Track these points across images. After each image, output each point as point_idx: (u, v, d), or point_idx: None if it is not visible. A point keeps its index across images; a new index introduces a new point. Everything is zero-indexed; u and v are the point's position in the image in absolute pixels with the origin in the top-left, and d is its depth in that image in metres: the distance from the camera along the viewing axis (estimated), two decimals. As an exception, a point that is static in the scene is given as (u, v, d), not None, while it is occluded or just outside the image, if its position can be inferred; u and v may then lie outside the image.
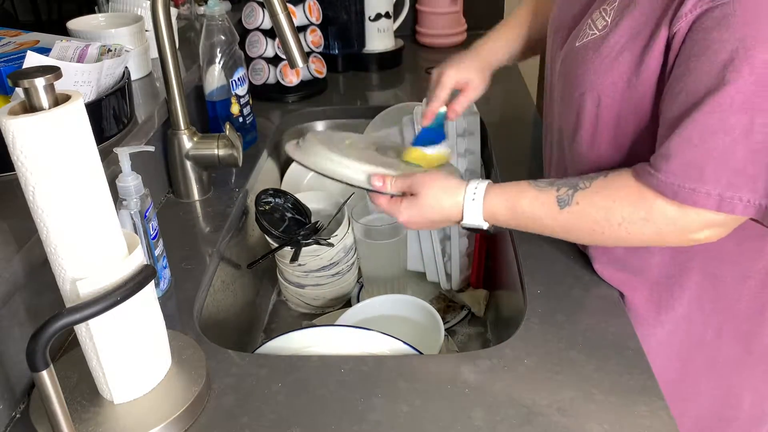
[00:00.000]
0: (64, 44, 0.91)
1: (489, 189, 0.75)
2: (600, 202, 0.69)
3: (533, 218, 0.73)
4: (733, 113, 0.60)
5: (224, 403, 0.67)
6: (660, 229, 0.67)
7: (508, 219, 0.75)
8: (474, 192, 0.75)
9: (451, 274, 1.13)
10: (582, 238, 0.75)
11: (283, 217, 1.08)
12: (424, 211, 0.77)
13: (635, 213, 0.67)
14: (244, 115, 1.19)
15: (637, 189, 0.67)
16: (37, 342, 0.51)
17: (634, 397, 0.66)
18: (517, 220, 0.75)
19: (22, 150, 0.52)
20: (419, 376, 0.70)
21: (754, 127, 0.60)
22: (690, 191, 0.63)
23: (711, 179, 0.62)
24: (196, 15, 1.50)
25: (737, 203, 0.62)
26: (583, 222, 0.70)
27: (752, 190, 0.62)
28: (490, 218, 0.75)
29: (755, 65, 0.58)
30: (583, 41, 0.74)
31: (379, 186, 0.80)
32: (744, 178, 0.61)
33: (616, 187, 0.69)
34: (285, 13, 0.88)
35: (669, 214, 0.66)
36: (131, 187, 0.78)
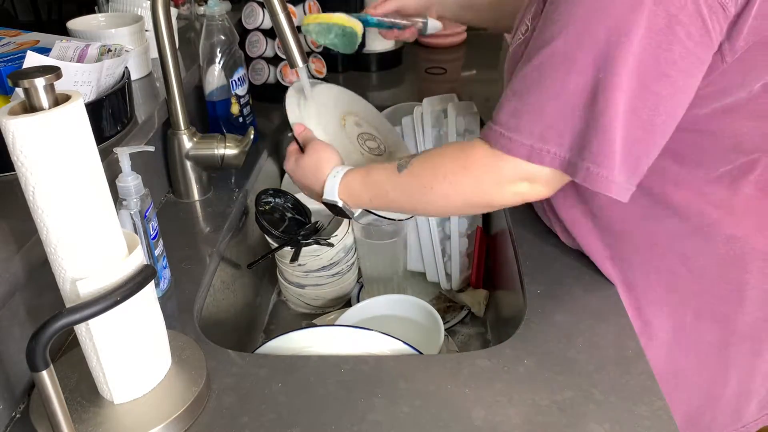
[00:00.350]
0: (64, 44, 0.91)
1: (349, 170, 0.82)
2: (430, 161, 0.75)
3: (378, 185, 0.79)
4: (553, 69, 0.64)
5: (224, 403, 0.67)
6: (478, 178, 0.71)
7: (359, 191, 0.81)
8: (338, 171, 0.83)
9: (451, 274, 1.13)
10: (418, 201, 0.78)
11: (283, 217, 1.08)
12: (299, 170, 0.87)
13: (456, 162, 0.72)
14: (244, 115, 1.19)
15: (462, 146, 0.73)
16: (37, 342, 0.51)
17: (634, 397, 0.67)
18: (367, 191, 0.80)
19: (22, 150, 0.52)
20: (419, 376, 0.70)
21: (567, 85, 0.63)
22: (507, 140, 0.68)
23: (526, 130, 0.66)
24: (196, 15, 1.50)
25: (545, 155, 0.66)
26: (415, 182, 0.76)
27: (559, 144, 0.65)
28: (346, 195, 0.82)
29: (577, 25, 0.62)
30: (515, 44, 0.79)
31: (297, 131, 0.90)
32: (554, 132, 0.65)
33: (445, 149, 0.76)
34: (285, 13, 0.89)
35: (485, 161, 0.70)
36: (131, 187, 0.78)
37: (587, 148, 0.64)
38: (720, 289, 0.81)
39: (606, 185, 0.65)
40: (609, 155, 0.64)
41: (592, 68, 0.62)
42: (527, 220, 0.96)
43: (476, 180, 0.71)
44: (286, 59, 0.93)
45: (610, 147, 0.63)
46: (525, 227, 0.95)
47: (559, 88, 0.64)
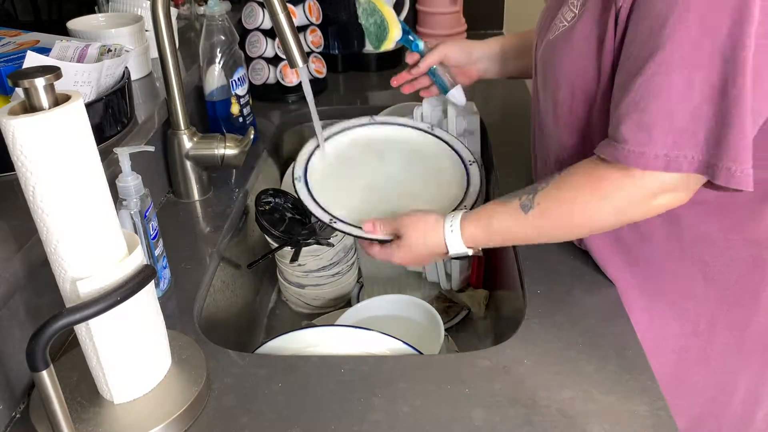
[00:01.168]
0: (64, 44, 0.91)
1: (464, 218, 0.80)
2: (559, 196, 0.72)
3: (506, 231, 0.77)
4: (673, 72, 0.62)
5: (224, 403, 0.67)
6: (619, 203, 0.69)
7: (486, 239, 0.79)
8: (451, 225, 0.80)
9: (451, 274, 1.13)
10: (556, 236, 0.77)
11: (283, 217, 1.08)
12: (412, 251, 0.83)
13: (593, 195, 0.70)
14: (244, 115, 1.19)
15: (589, 173, 0.70)
16: (37, 342, 0.51)
17: (634, 397, 0.66)
18: (494, 239, 0.79)
19: (22, 150, 0.52)
20: (419, 376, 0.70)
21: (693, 85, 0.61)
22: (640, 155, 0.65)
23: (659, 141, 0.64)
24: (196, 15, 1.50)
25: (683, 161, 0.64)
26: (548, 220, 0.73)
27: (694, 146, 0.63)
28: (471, 244, 0.80)
29: (690, 24, 0.60)
30: (555, 34, 0.77)
31: (370, 229, 0.85)
32: (687, 135, 0.63)
33: (570, 179, 0.72)
34: (285, 13, 0.88)
35: (622, 184, 0.67)
36: (131, 187, 0.78)
37: (723, 147, 0.62)
38: (737, 296, 0.80)
39: (746, 181, 0.62)
40: (745, 149, 0.61)
41: (719, 62, 0.60)
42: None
43: (618, 206, 0.69)
44: (286, 59, 0.93)
45: (745, 141, 0.61)
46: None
47: (685, 89, 0.61)
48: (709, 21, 0.59)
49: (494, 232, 0.78)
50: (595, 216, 0.71)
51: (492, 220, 0.78)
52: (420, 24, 1.79)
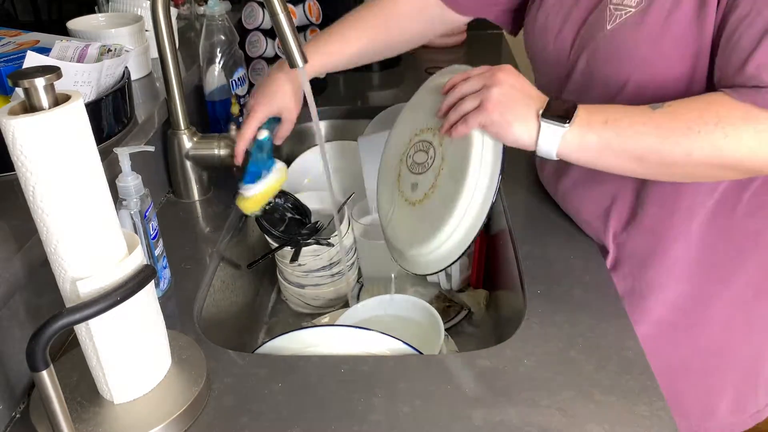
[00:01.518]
0: (64, 44, 0.91)
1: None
2: (692, 104, 0.67)
3: (627, 119, 0.68)
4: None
5: (224, 403, 0.67)
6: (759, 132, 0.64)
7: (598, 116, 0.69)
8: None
9: (452, 274, 1.13)
10: (675, 141, 0.67)
11: (283, 217, 1.08)
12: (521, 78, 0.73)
13: (733, 113, 0.65)
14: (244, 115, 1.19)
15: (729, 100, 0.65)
16: (37, 342, 0.51)
17: (634, 397, 0.67)
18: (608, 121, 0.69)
19: (22, 150, 0.52)
20: (419, 376, 0.70)
21: None
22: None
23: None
24: (196, 15, 1.50)
25: None
26: (675, 120, 0.67)
27: None
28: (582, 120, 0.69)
29: None
30: (616, 23, 0.73)
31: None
32: None
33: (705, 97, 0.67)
34: (285, 12, 0.88)
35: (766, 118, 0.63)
36: (131, 187, 0.78)
37: None
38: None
39: None
40: None
41: None
42: (527, 220, 0.96)
43: (757, 133, 0.64)
44: (286, 59, 0.93)
45: None
46: (525, 227, 0.95)
47: None
48: None
49: (612, 113, 0.69)
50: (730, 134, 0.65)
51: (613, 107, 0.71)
52: (420, 24, 1.78)
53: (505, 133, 0.71)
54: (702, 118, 0.65)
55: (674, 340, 0.88)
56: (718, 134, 0.65)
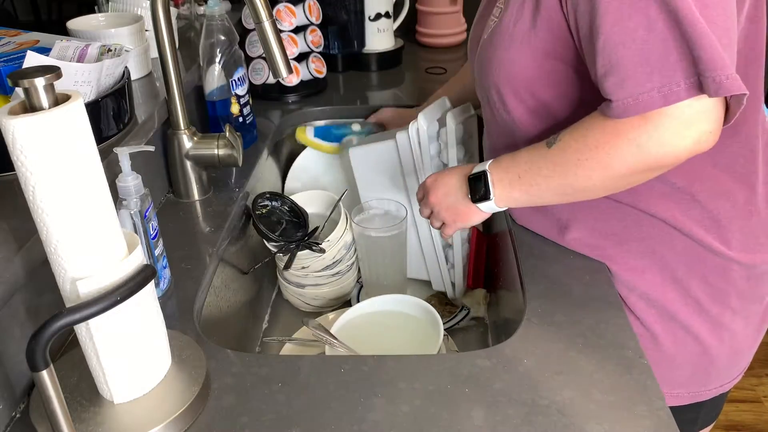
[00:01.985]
0: (64, 44, 0.91)
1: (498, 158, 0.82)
2: (576, 133, 0.74)
3: (530, 161, 0.78)
4: (629, 18, 0.65)
5: (224, 403, 0.67)
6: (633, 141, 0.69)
7: (508, 165, 0.79)
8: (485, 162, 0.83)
9: (455, 282, 1.13)
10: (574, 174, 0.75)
11: (280, 221, 1.08)
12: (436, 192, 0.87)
13: (605, 131, 0.70)
14: (244, 115, 1.19)
15: (600, 118, 0.71)
16: (37, 342, 0.51)
17: (634, 397, 0.67)
18: (518, 165, 0.79)
19: (22, 150, 0.52)
20: (419, 376, 0.70)
21: (651, 19, 0.64)
22: (634, 102, 0.66)
23: (644, 81, 0.65)
24: (196, 15, 1.50)
25: (677, 90, 0.65)
26: (568, 154, 0.74)
27: (682, 73, 0.64)
28: (494, 165, 0.81)
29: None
30: (488, 33, 0.83)
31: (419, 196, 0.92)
32: (668, 65, 0.64)
33: (588, 120, 0.73)
34: (270, 20, 0.85)
35: (633, 123, 0.68)
36: (131, 187, 0.78)
37: (700, 63, 0.63)
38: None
39: (736, 84, 0.63)
40: (719, 58, 0.63)
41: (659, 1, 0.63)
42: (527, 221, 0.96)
43: (632, 143, 0.69)
44: (270, 69, 0.90)
45: (716, 51, 0.63)
46: (525, 227, 0.95)
47: (647, 26, 0.64)
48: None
49: (517, 159, 0.79)
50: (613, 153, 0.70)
51: (518, 152, 0.80)
52: (420, 24, 1.79)
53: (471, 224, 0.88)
54: (586, 145, 0.72)
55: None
56: (602, 155, 0.71)
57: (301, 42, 1.41)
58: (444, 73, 1.61)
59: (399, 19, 1.70)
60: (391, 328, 0.91)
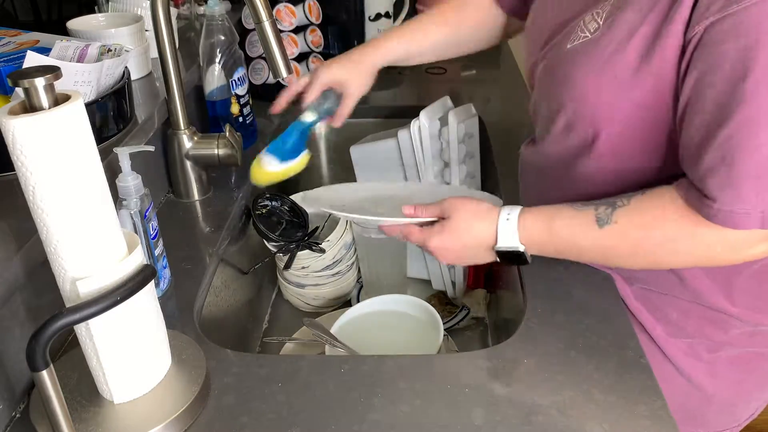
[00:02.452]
0: (64, 44, 0.91)
1: (524, 210, 0.73)
2: (641, 221, 0.67)
3: (570, 239, 0.70)
4: (761, 127, 0.58)
5: (224, 403, 0.67)
6: (710, 248, 0.65)
7: (544, 240, 0.71)
8: (508, 214, 0.72)
9: (455, 282, 1.13)
10: (622, 261, 0.71)
11: (280, 221, 1.08)
12: (456, 235, 0.74)
13: (679, 231, 0.65)
14: (244, 115, 1.19)
15: (677, 208, 0.65)
16: (37, 342, 0.51)
17: (634, 397, 0.67)
18: (554, 242, 0.71)
19: (22, 150, 0.52)
20: (419, 376, 0.70)
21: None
22: (728, 213, 0.61)
23: (749, 198, 0.60)
24: (196, 15, 1.50)
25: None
26: (623, 242, 0.68)
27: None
28: (527, 240, 0.71)
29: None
30: (574, 44, 0.72)
31: (411, 213, 0.77)
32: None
33: (656, 205, 0.67)
34: (270, 20, 0.85)
35: (716, 234, 0.63)
36: (131, 187, 0.78)
37: None
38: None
39: None
40: None
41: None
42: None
43: (707, 251, 0.64)
44: (270, 69, 0.89)
45: None
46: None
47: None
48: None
49: (556, 234, 0.70)
50: (680, 252, 0.66)
51: (557, 220, 0.70)
52: (420, 24, 1.79)
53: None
54: (649, 238, 0.66)
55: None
56: (665, 254, 0.66)
57: (301, 42, 1.41)
58: (444, 73, 1.61)
59: (399, 19, 1.69)
60: (391, 328, 0.91)
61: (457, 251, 0.75)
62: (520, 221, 0.72)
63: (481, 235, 0.73)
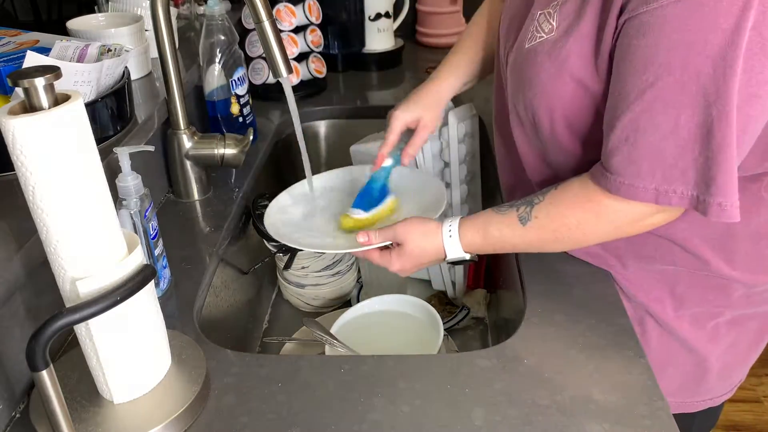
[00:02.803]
0: (64, 44, 0.91)
1: (461, 224, 0.81)
2: (554, 212, 0.75)
3: (503, 240, 0.79)
4: (659, 112, 0.64)
5: (224, 403, 0.67)
6: (612, 223, 0.73)
7: (483, 245, 0.81)
8: (449, 230, 0.81)
9: (456, 282, 1.13)
10: (550, 247, 0.80)
11: None
12: (412, 258, 0.83)
13: (586, 214, 0.73)
14: (244, 114, 1.19)
15: (584, 194, 0.73)
16: (37, 342, 0.51)
17: (634, 397, 0.67)
18: (492, 245, 0.80)
19: (22, 150, 0.52)
20: (419, 376, 0.70)
21: (679, 123, 0.63)
22: (629, 186, 0.68)
23: (647, 174, 0.66)
24: (196, 15, 1.50)
25: (672, 195, 0.66)
26: (544, 233, 0.76)
27: (684, 182, 0.65)
28: (468, 248, 0.81)
29: (671, 68, 0.62)
30: (532, 44, 0.76)
31: (365, 241, 0.85)
32: (676, 171, 0.65)
33: (566, 196, 0.75)
34: (270, 20, 0.85)
35: (617, 208, 0.71)
36: (131, 187, 0.78)
37: (713, 184, 0.64)
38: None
39: (735, 213, 0.65)
40: (732, 185, 0.63)
41: (703, 104, 0.61)
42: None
43: (611, 224, 0.73)
44: (270, 68, 0.89)
45: (732, 177, 0.63)
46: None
47: (674, 127, 0.63)
48: (696, 61, 0.60)
49: (491, 239, 0.80)
50: (589, 232, 0.74)
51: (489, 227, 0.79)
52: (420, 24, 1.79)
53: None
54: (564, 225, 0.75)
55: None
56: (579, 234, 0.74)
57: (301, 42, 1.41)
58: (444, 73, 1.60)
59: (399, 19, 1.70)
60: (391, 328, 0.91)
61: (415, 267, 0.86)
62: (460, 233, 0.81)
63: (433, 252, 0.83)
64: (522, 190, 0.90)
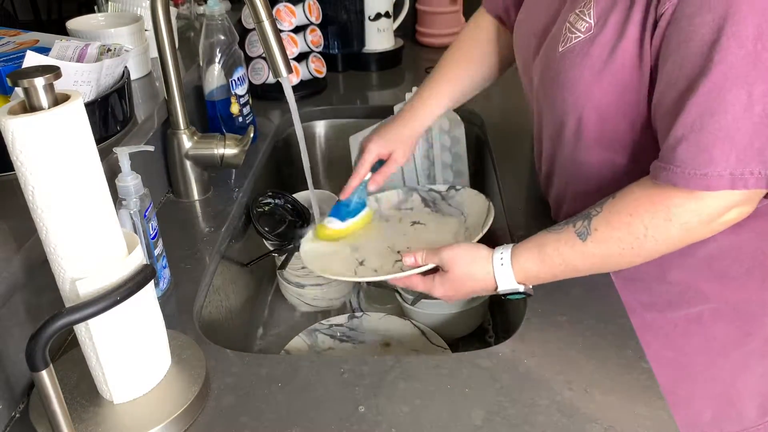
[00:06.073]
0: (63, 44, 0.91)
1: (514, 250, 0.76)
2: (616, 220, 0.69)
3: (564, 261, 0.73)
4: (729, 90, 0.60)
5: (224, 403, 0.67)
6: (685, 225, 0.66)
7: (540, 271, 0.74)
8: (501, 257, 0.76)
9: None
10: (616, 262, 0.73)
11: (283, 219, 1.08)
12: (458, 286, 0.78)
13: (655, 217, 0.67)
14: (243, 114, 1.19)
15: (647, 195, 0.67)
16: (37, 342, 0.51)
17: (634, 397, 0.66)
18: (551, 269, 0.74)
19: (22, 150, 0.52)
20: (419, 376, 0.70)
21: (753, 99, 0.60)
22: (702, 176, 0.63)
23: (720, 160, 0.62)
24: (196, 15, 1.50)
25: (749, 177, 0.62)
26: (608, 246, 0.70)
27: (761, 162, 0.62)
28: (523, 278, 0.75)
29: (742, 39, 0.59)
30: (567, 45, 0.73)
31: (412, 262, 0.80)
32: (751, 151, 0.61)
33: (627, 202, 0.69)
34: (270, 20, 0.85)
35: (688, 206, 0.65)
36: (131, 187, 0.78)
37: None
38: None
39: None
40: None
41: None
42: (527, 220, 0.96)
43: (684, 227, 0.66)
44: (270, 68, 0.89)
45: None
46: (525, 227, 0.95)
47: (745, 105, 0.60)
48: (765, 31, 0.58)
49: (549, 263, 0.73)
50: (660, 238, 0.68)
51: (545, 248, 0.73)
52: (420, 24, 1.79)
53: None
54: (631, 233, 0.68)
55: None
56: (651, 242, 0.68)
57: (301, 42, 1.41)
58: (444, 72, 1.60)
59: (399, 19, 1.69)
60: None
61: (462, 296, 0.80)
62: (513, 261, 0.75)
63: (482, 281, 0.77)
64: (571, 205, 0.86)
